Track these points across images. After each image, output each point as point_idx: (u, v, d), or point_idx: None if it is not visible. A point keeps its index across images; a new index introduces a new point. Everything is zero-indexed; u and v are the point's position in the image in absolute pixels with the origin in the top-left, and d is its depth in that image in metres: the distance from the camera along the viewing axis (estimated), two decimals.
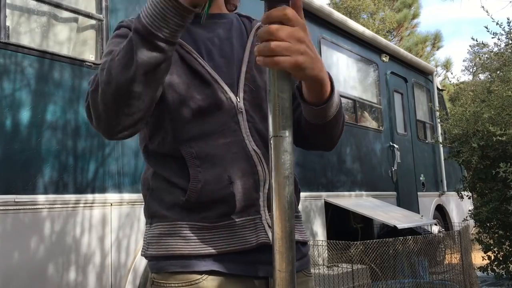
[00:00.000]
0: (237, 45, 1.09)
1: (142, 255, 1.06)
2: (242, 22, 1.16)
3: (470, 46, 19.48)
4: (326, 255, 3.90)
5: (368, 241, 3.66)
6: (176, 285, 0.97)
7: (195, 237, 0.98)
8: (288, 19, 0.78)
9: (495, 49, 4.83)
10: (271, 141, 0.77)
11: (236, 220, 0.99)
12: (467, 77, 19.31)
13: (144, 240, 1.07)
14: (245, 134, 1.02)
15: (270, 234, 0.98)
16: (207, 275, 0.97)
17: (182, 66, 1.02)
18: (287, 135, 0.77)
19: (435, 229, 5.51)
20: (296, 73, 0.80)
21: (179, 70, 1.01)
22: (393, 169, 6.08)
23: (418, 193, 6.65)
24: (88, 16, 2.93)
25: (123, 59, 0.85)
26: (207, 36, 1.08)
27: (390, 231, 5.07)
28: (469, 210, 4.79)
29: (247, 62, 1.07)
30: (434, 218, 6.71)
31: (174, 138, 1.01)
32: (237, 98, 1.03)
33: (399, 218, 4.79)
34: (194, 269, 0.97)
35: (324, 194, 4.78)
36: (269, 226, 1.00)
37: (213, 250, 0.97)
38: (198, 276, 0.97)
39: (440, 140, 5.88)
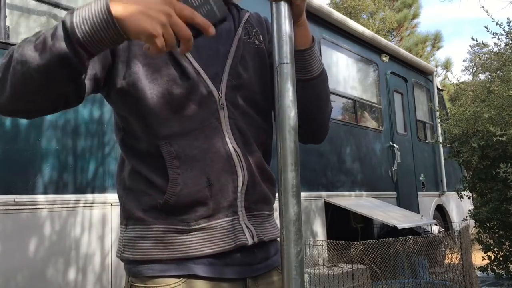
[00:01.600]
0: (224, 38, 1.05)
1: (117, 257, 1.03)
2: (230, 13, 1.11)
3: (470, 46, 19.49)
4: (326, 255, 3.90)
5: (368, 241, 3.66)
6: None
7: (173, 241, 0.96)
8: None
9: (495, 49, 4.83)
10: (278, 69, 0.85)
11: (214, 222, 0.97)
12: (467, 77, 19.32)
13: (119, 242, 1.03)
14: (225, 132, 0.99)
15: (248, 235, 0.98)
16: (185, 279, 0.95)
17: (164, 57, 0.97)
18: (290, 62, 0.85)
19: (435, 229, 5.51)
20: (298, 1, 0.89)
21: (160, 61, 0.96)
22: (393, 169, 6.08)
23: (418, 193, 6.65)
24: None
25: (41, 43, 0.77)
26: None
27: (390, 231, 5.07)
28: (469, 210, 4.79)
29: (232, 57, 1.03)
30: (434, 218, 6.71)
31: (152, 133, 0.97)
32: (219, 93, 0.99)
33: (399, 218, 4.79)
34: (172, 274, 0.95)
35: (324, 194, 4.78)
36: (246, 226, 0.99)
37: (191, 254, 0.95)
38: (177, 280, 0.95)
39: (440, 140, 5.88)
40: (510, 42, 4.53)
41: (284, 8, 0.88)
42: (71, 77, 0.80)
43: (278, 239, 1.03)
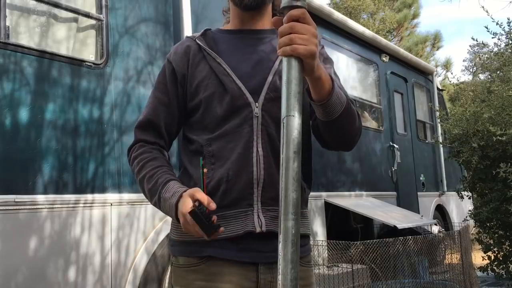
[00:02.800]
0: (268, 57, 1.25)
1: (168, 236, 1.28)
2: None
3: (470, 46, 19.48)
4: (326, 255, 3.89)
5: (368, 241, 3.66)
6: (183, 267, 1.20)
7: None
8: (305, 18, 0.95)
9: (495, 49, 4.83)
10: (284, 121, 0.92)
11: (228, 212, 1.17)
12: (467, 77, 19.31)
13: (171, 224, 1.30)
14: (255, 136, 1.19)
15: (257, 224, 1.16)
16: (205, 260, 1.17)
17: (211, 76, 1.22)
18: (297, 115, 0.92)
19: (435, 229, 5.50)
20: (308, 60, 0.95)
21: (207, 79, 1.22)
22: (393, 169, 6.08)
23: (418, 193, 6.64)
24: (88, 15, 2.93)
25: (145, 187, 1.23)
26: (242, 48, 1.28)
27: (390, 231, 5.07)
28: (469, 210, 4.78)
29: (273, 73, 1.22)
30: (434, 218, 6.70)
31: (202, 136, 1.23)
32: (256, 104, 1.20)
33: (399, 218, 4.79)
34: (195, 255, 1.18)
35: (324, 194, 4.77)
36: (258, 217, 1.16)
37: (187, 239, 1.19)
38: (198, 260, 1.18)
39: (440, 140, 5.87)
40: (510, 42, 4.53)
41: (294, 63, 0.94)
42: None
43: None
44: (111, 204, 2.83)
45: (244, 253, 1.16)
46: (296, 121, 0.92)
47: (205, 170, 1.16)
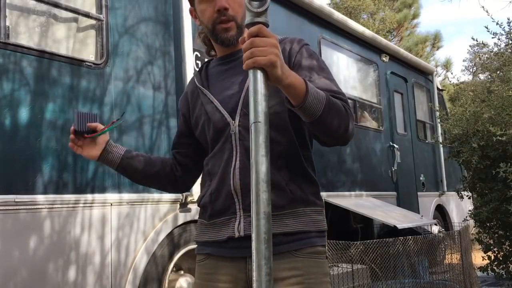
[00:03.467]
0: (245, 76, 1.33)
1: None
2: None
3: (470, 46, 19.47)
4: None
5: (368, 241, 3.66)
6: (197, 262, 1.44)
7: (201, 230, 1.44)
8: (262, 32, 1.06)
9: (495, 49, 4.83)
10: (251, 127, 1.02)
11: (216, 219, 1.38)
12: (467, 77, 19.30)
13: None
14: (234, 152, 1.33)
15: (236, 230, 1.31)
16: (208, 257, 1.40)
17: (201, 108, 1.42)
18: (263, 121, 1.01)
19: (435, 229, 5.50)
20: (270, 69, 1.05)
21: (199, 111, 1.43)
22: (393, 169, 6.08)
23: (418, 193, 6.64)
24: (88, 15, 2.93)
25: None
26: (224, 72, 1.43)
27: (390, 231, 5.07)
28: (469, 210, 4.78)
29: (246, 89, 1.34)
30: (434, 218, 6.70)
31: (205, 159, 1.45)
32: (233, 122, 1.35)
33: (399, 218, 4.78)
34: (201, 252, 1.43)
35: (324, 194, 4.77)
36: (239, 223, 1.32)
37: (208, 239, 1.40)
38: (204, 257, 1.41)
39: (440, 140, 5.87)
40: (510, 42, 4.53)
41: (259, 75, 1.04)
42: None
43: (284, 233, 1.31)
44: (111, 204, 2.83)
45: (234, 250, 1.33)
46: (262, 127, 1.01)
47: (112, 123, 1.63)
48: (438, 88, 7.98)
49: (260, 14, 1.05)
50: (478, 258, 4.88)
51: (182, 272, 3.34)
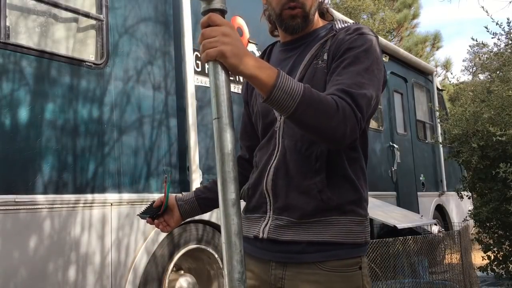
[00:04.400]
0: (301, 63, 1.30)
1: None
2: (315, 36, 1.35)
3: (469, 46, 19.48)
4: None
5: None
6: None
7: (243, 223, 1.33)
8: (212, 21, 0.98)
9: (495, 49, 4.82)
10: (214, 123, 0.95)
11: (250, 215, 1.36)
12: (466, 77, 19.31)
13: None
14: (276, 149, 1.29)
15: (261, 230, 1.29)
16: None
17: (257, 97, 1.39)
18: (224, 116, 0.95)
19: (435, 229, 5.50)
20: (222, 59, 0.97)
21: (255, 99, 1.40)
22: (393, 169, 6.08)
23: (418, 193, 6.64)
24: (88, 15, 2.93)
25: None
26: (283, 61, 1.37)
27: (390, 231, 5.06)
28: (469, 210, 4.78)
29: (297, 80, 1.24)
30: (434, 218, 6.70)
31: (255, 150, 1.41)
32: (279, 118, 1.30)
33: (399, 218, 4.78)
34: None
35: None
36: (266, 224, 1.28)
37: (244, 233, 1.26)
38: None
39: (440, 140, 5.87)
40: (510, 42, 4.53)
41: (215, 67, 0.98)
42: None
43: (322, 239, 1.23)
44: (111, 204, 2.83)
45: (259, 251, 1.30)
46: (223, 122, 0.94)
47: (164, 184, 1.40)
48: (438, 88, 7.98)
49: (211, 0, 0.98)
50: (478, 258, 4.88)
51: (182, 272, 3.34)
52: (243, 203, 1.21)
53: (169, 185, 1.40)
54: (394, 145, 6.17)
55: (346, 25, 1.32)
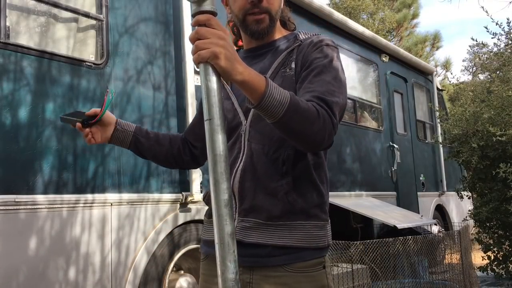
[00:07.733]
0: (266, 72, 1.31)
1: None
2: (287, 45, 1.36)
3: (469, 46, 19.48)
4: None
5: (368, 241, 3.66)
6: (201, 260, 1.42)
7: (204, 228, 1.42)
8: (210, 23, 0.97)
9: (495, 49, 4.83)
10: (205, 124, 0.96)
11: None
12: (466, 77, 19.31)
13: None
14: (241, 153, 1.30)
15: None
16: (206, 256, 1.38)
17: (224, 103, 1.33)
18: (216, 118, 0.95)
19: (435, 229, 5.51)
20: (214, 62, 0.95)
21: (225, 102, 1.36)
22: (393, 169, 6.08)
23: (418, 193, 6.64)
24: (88, 15, 2.93)
25: None
26: None
27: (390, 231, 5.07)
28: (469, 210, 4.79)
29: None
30: (434, 218, 6.70)
31: None
32: (245, 122, 1.31)
33: (399, 218, 4.78)
34: (201, 251, 1.41)
35: None
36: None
37: (207, 238, 1.37)
38: (203, 256, 1.39)
39: (440, 140, 5.88)
40: (510, 42, 4.53)
41: (206, 68, 0.96)
42: None
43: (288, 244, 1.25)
44: (111, 204, 2.83)
45: None
46: (215, 124, 0.95)
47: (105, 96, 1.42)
48: (438, 88, 7.98)
49: (202, 1, 0.96)
50: (478, 258, 4.89)
51: (182, 272, 3.34)
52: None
53: (110, 100, 1.43)
54: (394, 145, 6.17)
55: (309, 35, 1.39)
